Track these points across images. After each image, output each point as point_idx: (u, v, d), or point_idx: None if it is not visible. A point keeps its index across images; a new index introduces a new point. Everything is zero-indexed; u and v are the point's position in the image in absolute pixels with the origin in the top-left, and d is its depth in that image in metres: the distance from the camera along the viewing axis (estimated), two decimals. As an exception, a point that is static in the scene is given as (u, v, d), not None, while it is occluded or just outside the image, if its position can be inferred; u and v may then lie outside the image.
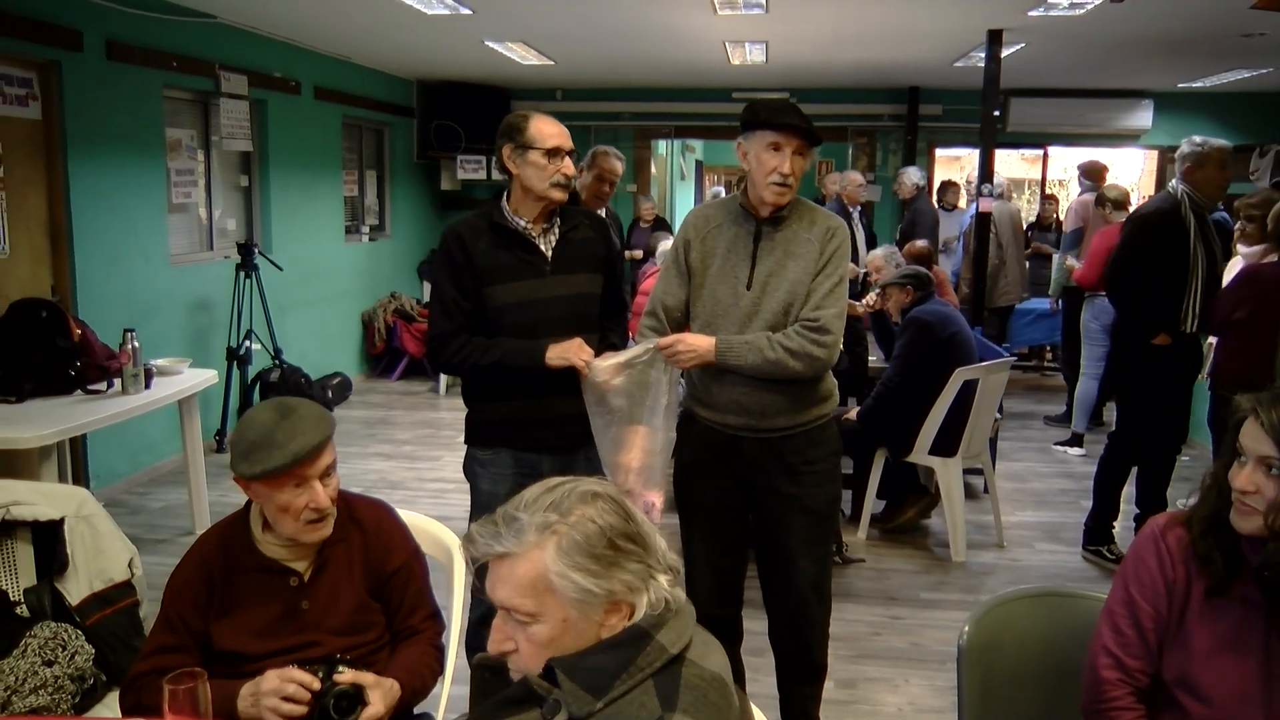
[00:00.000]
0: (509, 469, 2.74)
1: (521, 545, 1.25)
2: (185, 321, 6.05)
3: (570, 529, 1.25)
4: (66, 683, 2.13)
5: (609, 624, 1.26)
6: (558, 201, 2.68)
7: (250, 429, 1.85)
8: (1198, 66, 7.70)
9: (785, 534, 2.65)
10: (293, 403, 1.90)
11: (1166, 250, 4.11)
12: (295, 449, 1.81)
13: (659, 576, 1.28)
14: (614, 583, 1.25)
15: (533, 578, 1.24)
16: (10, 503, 2.29)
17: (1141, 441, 4.40)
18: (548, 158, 2.62)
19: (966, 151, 9.72)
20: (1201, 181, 4.13)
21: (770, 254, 2.56)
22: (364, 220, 8.89)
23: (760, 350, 2.49)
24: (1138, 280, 4.18)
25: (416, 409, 7.54)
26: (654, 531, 1.32)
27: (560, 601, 1.24)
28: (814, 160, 2.62)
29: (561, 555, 1.24)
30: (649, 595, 1.26)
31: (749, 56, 7.54)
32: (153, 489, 5.51)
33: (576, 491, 1.29)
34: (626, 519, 1.28)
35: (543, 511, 1.26)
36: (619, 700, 1.21)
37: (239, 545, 1.93)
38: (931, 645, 3.70)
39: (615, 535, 1.26)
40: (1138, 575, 1.72)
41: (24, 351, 3.76)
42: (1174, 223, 4.11)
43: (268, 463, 1.80)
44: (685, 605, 1.32)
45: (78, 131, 5.04)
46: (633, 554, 1.27)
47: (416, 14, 5.87)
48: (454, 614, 2.21)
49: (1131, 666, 1.71)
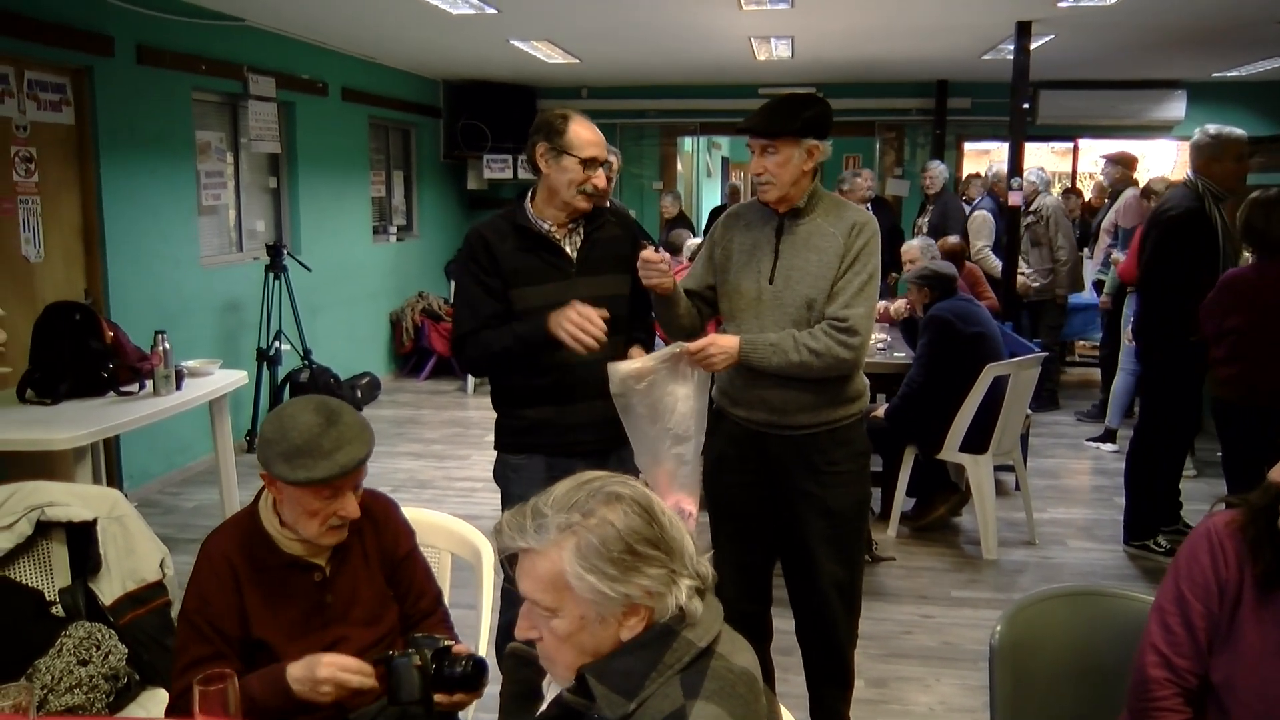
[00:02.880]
0: (541, 474, 2.67)
1: (543, 542, 1.25)
2: (215, 323, 6.11)
3: (589, 531, 1.24)
4: (101, 682, 2.15)
5: (628, 624, 1.26)
6: (582, 210, 2.64)
7: (294, 430, 1.80)
8: (1231, 55, 7.58)
9: (807, 535, 2.62)
10: (334, 405, 1.87)
11: (1199, 249, 4.07)
12: (344, 462, 1.79)
13: (682, 582, 1.26)
14: (631, 587, 1.23)
15: (552, 575, 1.25)
16: (45, 504, 2.32)
17: (1165, 432, 4.40)
18: (583, 166, 2.57)
19: (995, 145, 9.61)
20: (1219, 174, 4.10)
21: (791, 248, 2.56)
22: (391, 220, 8.94)
23: (785, 352, 2.47)
24: (1171, 280, 4.13)
25: (445, 408, 7.57)
26: (683, 536, 1.30)
27: (577, 600, 1.24)
28: (825, 154, 2.57)
29: (579, 557, 1.24)
30: (671, 600, 1.25)
31: (775, 52, 7.51)
32: (185, 489, 5.57)
33: (602, 492, 1.28)
34: (649, 523, 1.26)
35: (566, 510, 1.26)
36: (650, 699, 1.21)
37: (259, 545, 1.91)
38: (963, 644, 3.66)
39: (635, 540, 1.24)
40: (1190, 572, 1.69)
41: (58, 354, 3.80)
42: (1201, 220, 4.07)
43: (313, 471, 1.77)
44: (713, 602, 1.31)
45: (109, 136, 5.10)
46: (653, 559, 1.25)
47: (442, 14, 5.89)
48: (483, 613, 2.21)
49: (1180, 666, 1.67)
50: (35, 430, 3.42)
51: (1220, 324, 3.81)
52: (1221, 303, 3.81)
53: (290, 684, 1.73)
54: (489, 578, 2.23)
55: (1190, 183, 4.19)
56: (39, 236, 4.78)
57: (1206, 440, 6.19)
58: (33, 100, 4.70)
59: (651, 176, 10.15)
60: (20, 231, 4.68)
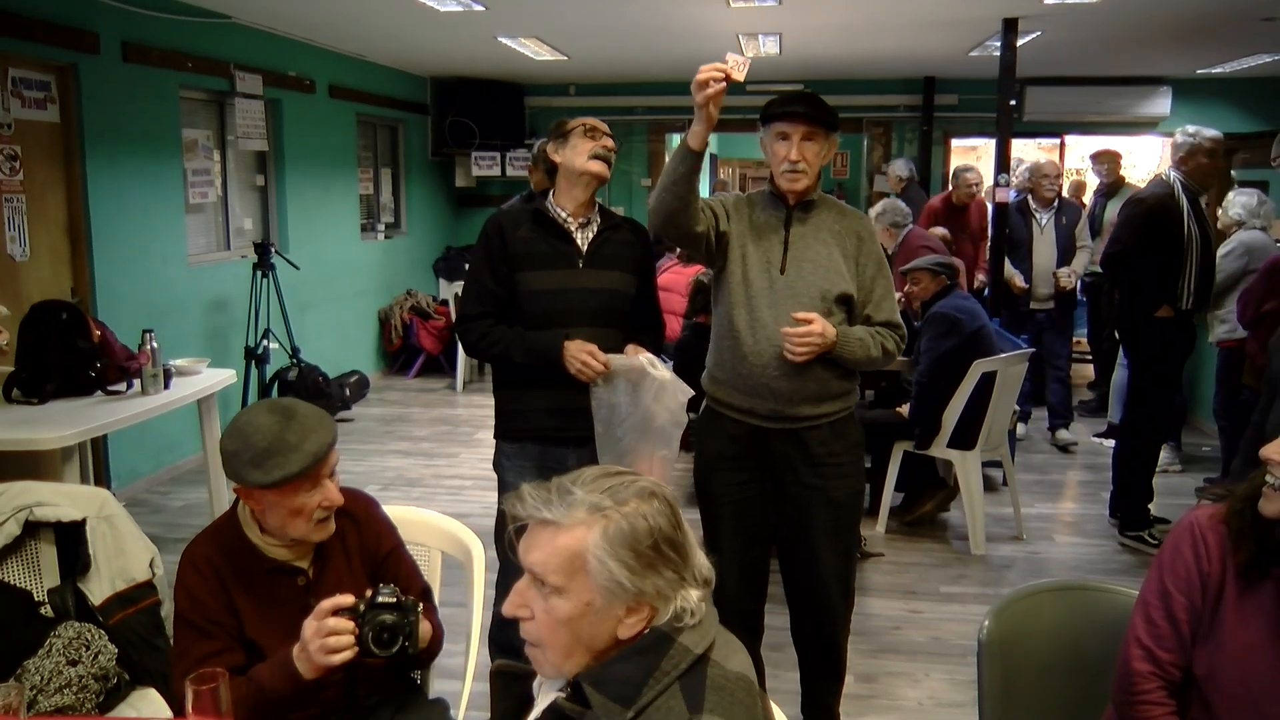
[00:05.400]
0: (533, 460, 2.80)
1: (569, 518, 1.25)
2: (203, 321, 6.09)
3: (622, 518, 1.25)
4: (90, 682, 2.15)
5: (628, 622, 1.26)
6: (598, 175, 2.75)
7: (255, 435, 1.79)
8: (1217, 52, 7.62)
9: (809, 527, 2.65)
10: (286, 402, 1.88)
11: (1162, 231, 4.33)
12: (313, 449, 1.80)
13: (690, 590, 1.28)
14: (646, 583, 1.24)
15: (571, 553, 1.24)
16: (33, 504, 2.31)
17: (1144, 422, 4.54)
18: (586, 134, 2.74)
19: (983, 141, 9.62)
20: (1194, 170, 4.39)
21: (801, 239, 2.61)
22: (380, 218, 8.92)
23: (868, 347, 2.59)
24: (1136, 260, 4.38)
25: (434, 406, 7.56)
26: (696, 547, 1.31)
27: (590, 585, 1.24)
28: (832, 147, 2.63)
29: (606, 540, 1.24)
30: (675, 604, 1.26)
31: (762, 48, 7.51)
32: (173, 488, 5.55)
33: (636, 485, 1.29)
34: (675, 527, 1.28)
35: (599, 493, 1.27)
36: (649, 708, 1.21)
37: (241, 554, 1.90)
38: (952, 639, 3.68)
39: (661, 539, 1.26)
40: (1173, 566, 1.71)
41: (45, 353, 3.78)
42: (1168, 206, 4.33)
43: (287, 468, 1.77)
44: (710, 607, 1.31)
45: (95, 133, 5.08)
46: (671, 562, 1.27)
47: (430, 11, 5.87)
48: (475, 611, 2.21)
49: (1164, 659, 1.69)
50: (22, 430, 3.40)
51: (1257, 309, 3.97)
52: (1265, 287, 3.98)
53: (295, 663, 1.73)
54: (479, 576, 2.23)
55: (1165, 176, 4.46)
56: (25, 235, 4.75)
57: (1193, 435, 6.24)
58: (17, 98, 4.67)
59: (640, 173, 10.14)
60: (6, 230, 4.65)
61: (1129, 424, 4.62)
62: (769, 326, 2.55)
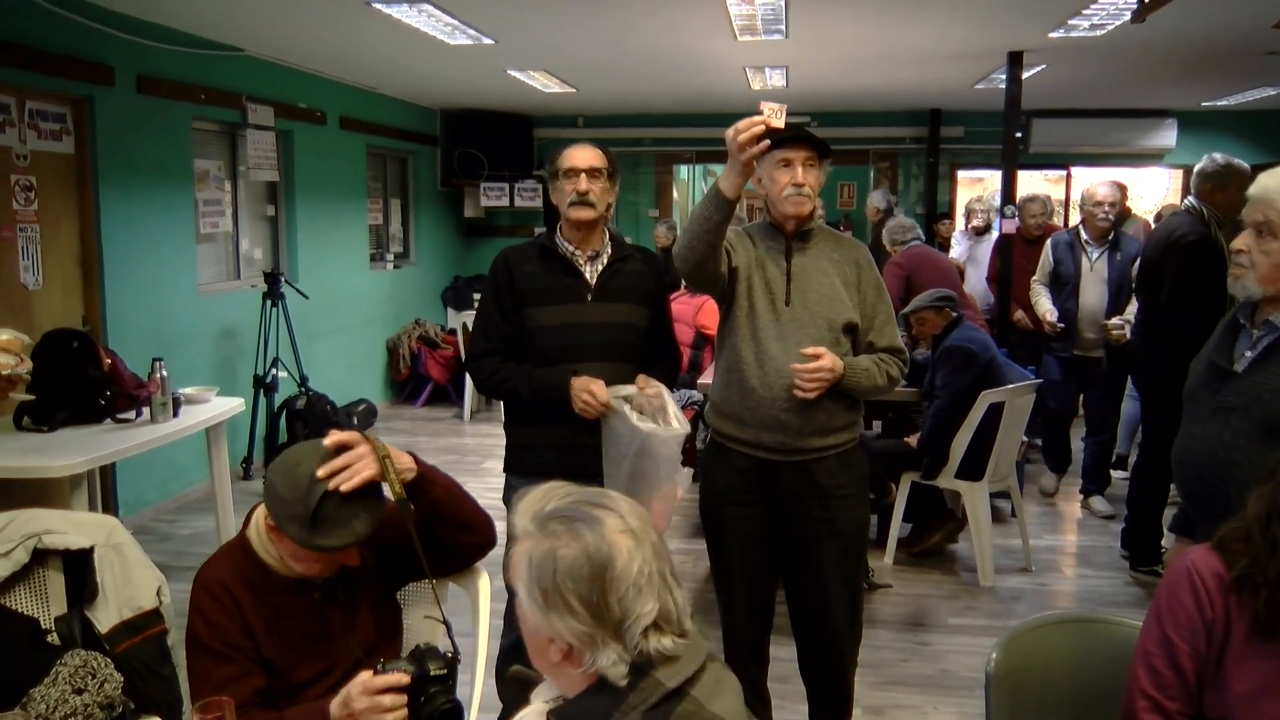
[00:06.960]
0: None
1: (517, 530, 1.27)
2: (213, 350, 6.12)
3: (536, 545, 1.24)
4: (96, 710, 2.14)
5: (552, 649, 1.23)
6: (580, 221, 2.74)
7: (313, 496, 1.76)
8: (1221, 85, 7.66)
9: (816, 558, 2.64)
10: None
11: (1213, 273, 4.04)
12: (361, 530, 1.80)
13: (609, 649, 1.21)
14: (551, 624, 1.21)
15: (515, 564, 1.26)
16: (42, 531, 2.31)
17: (1161, 457, 4.38)
18: (565, 178, 2.74)
19: (989, 173, 9.67)
20: (1223, 203, 4.11)
21: (803, 269, 2.62)
22: (388, 248, 8.97)
23: (874, 376, 2.60)
24: (1190, 302, 4.08)
25: (441, 435, 7.56)
26: (633, 610, 1.20)
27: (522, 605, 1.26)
28: (825, 175, 2.65)
29: (527, 564, 1.24)
30: (592, 659, 1.21)
31: (770, 81, 7.58)
32: (181, 516, 5.55)
33: (575, 518, 1.24)
34: (592, 583, 1.19)
35: (534, 517, 1.26)
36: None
37: (256, 574, 1.91)
38: (960, 671, 3.66)
39: (565, 586, 1.20)
40: (1174, 614, 1.65)
41: (55, 381, 3.80)
42: (1212, 244, 4.09)
43: (329, 541, 1.76)
44: (695, 643, 1.26)
45: (109, 164, 5.13)
46: (577, 614, 1.20)
47: (440, 44, 5.94)
48: (480, 641, 2.20)
49: (1171, 710, 1.64)
50: (32, 458, 3.42)
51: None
52: None
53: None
54: (485, 605, 2.23)
55: (1195, 209, 4.21)
56: (38, 264, 4.80)
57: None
58: (33, 130, 4.73)
59: (648, 204, 10.20)
60: (19, 259, 4.69)
61: (1145, 461, 4.49)
62: (777, 359, 2.55)
